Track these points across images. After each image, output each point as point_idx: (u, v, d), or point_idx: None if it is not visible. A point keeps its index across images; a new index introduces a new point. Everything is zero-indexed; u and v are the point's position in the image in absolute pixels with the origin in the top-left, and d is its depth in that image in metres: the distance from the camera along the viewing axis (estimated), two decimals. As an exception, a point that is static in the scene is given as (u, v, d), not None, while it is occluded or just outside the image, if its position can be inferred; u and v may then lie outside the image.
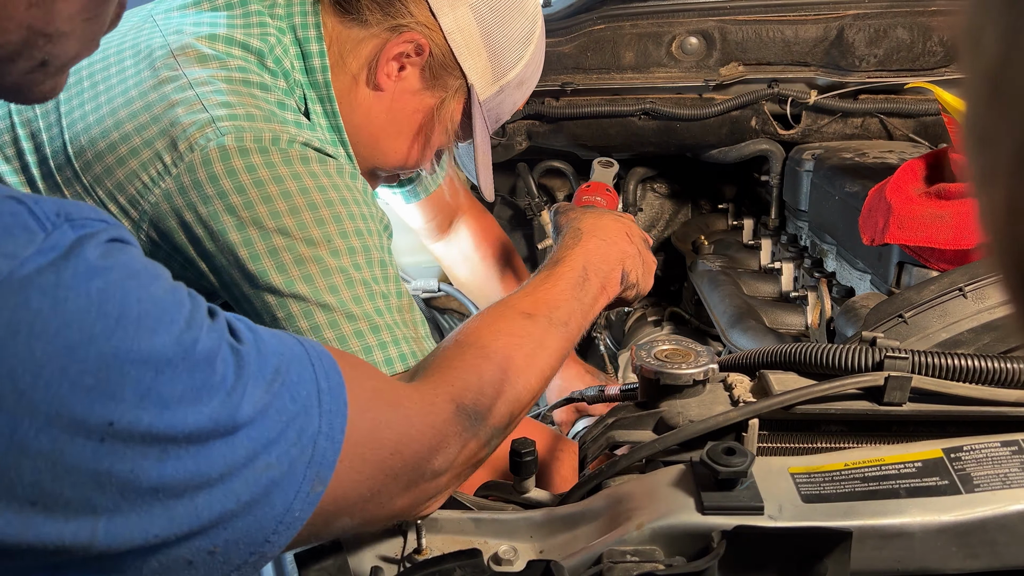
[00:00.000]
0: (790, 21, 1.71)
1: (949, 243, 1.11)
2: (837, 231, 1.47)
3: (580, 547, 0.69)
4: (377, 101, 1.11)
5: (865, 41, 1.66)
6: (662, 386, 0.80)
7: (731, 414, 0.74)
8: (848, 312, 1.22)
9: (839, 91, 1.70)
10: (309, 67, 1.08)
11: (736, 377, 0.82)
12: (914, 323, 0.95)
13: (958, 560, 0.66)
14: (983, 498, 0.67)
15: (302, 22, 1.08)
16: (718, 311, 1.58)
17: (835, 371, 0.77)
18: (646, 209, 2.07)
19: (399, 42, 1.08)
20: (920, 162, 1.26)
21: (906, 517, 0.66)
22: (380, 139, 1.15)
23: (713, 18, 1.72)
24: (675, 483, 0.69)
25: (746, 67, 1.73)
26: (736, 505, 0.66)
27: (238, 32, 1.04)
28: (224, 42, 1.03)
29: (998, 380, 0.74)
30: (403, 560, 0.71)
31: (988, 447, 0.71)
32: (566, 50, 1.74)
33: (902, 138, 1.71)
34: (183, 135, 0.94)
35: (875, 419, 0.76)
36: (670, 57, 1.73)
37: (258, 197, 0.93)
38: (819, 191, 1.55)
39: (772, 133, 1.75)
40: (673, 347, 0.83)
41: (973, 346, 0.92)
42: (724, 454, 0.66)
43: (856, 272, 1.40)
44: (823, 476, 0.70)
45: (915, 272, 1.19)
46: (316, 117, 1.09)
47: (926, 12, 1.68)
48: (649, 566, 0.64)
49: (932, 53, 1.67)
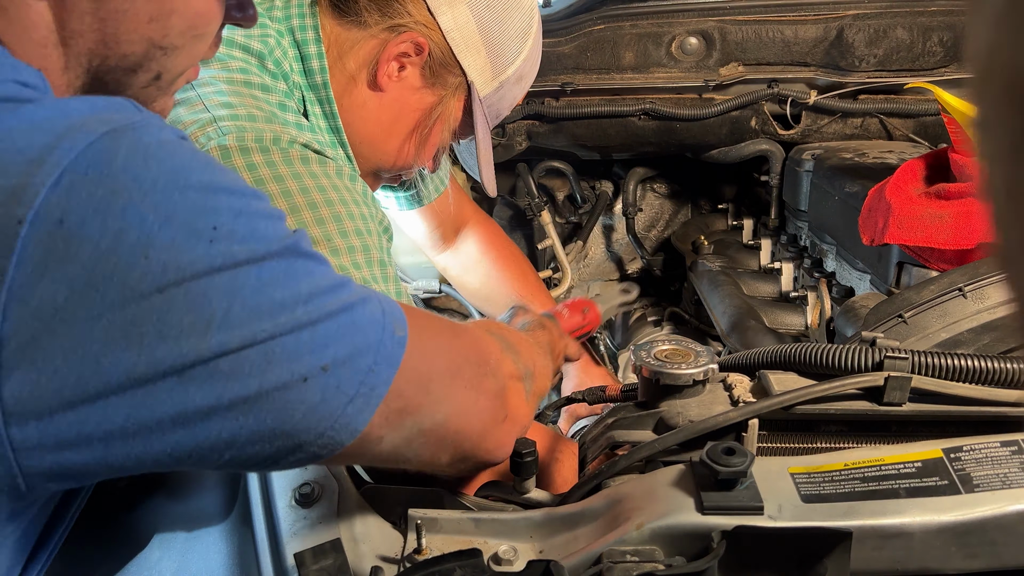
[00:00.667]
0: (790, 21, 1.71)
1: (949, 243, 1.11)
2: (837, 231, 1.47)
3: (580, 547, 0.69)
4: (378, 101, 1.11)
5: (865, 41, 1.67)
6: (662, 386, 0.80)
7: (731, 414, 0.74)
8: (848, 312, 1.22)
9: (839, 91, 1.70)
10: (308, 69, 1.08)
11: (736, 377, 0.82)
12: (914, 323, 0.95)
13: (958, 560, 0.66)
14: (983, 498, 0.67)
15: (300, 24, 1.08)
16: (718, 311, 1.58)
17: (835, 371, 0.77)
18: (646, 209, 2.08)
19: (399, 42, 1.08)
20: (920, 162, 1.26)
21: (906, 517, 0.66)
22: (381, 139, 1.15)
23: (713, 18, 1.72)
24: (675, 483, 0.69)
25: (746, 67, 1.74)
26: (736, 505, 0.66)
27: (238, 34, 1.05)
28: (225, 44, 1.03)
29: (998, 380, 0.74)
30: (403, 560, 0.71)
31: (988, 447, 0.71)
32: (566, 50, 1.74)
33: (902, 138, 1.71)
34: (184, 134, 0.95)
35: (875, 419, 0.76)
36: (670, 57, 1.74)
37: None
38: (819, 191, 1.55)
39: (772, 133, 1.75)
40: (673, 347, 0.83)
41: (973, 346, 0.92)
42: (724, 454, 0.66)
43: (856, 272, 1.40)
44: (823, 476, 0.70)
45: (915, 272, 1.19)
46: (315, 119, 1.09)
47: (926, 12, 1.68)
48: (649, 566, 0.64)
49: (932, 53, 1.67)
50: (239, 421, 0.58)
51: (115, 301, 0.53)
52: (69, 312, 0.53)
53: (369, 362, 0.63)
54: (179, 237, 0.55)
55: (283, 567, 0.75)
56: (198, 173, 0.58)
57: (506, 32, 1.13)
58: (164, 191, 0.55)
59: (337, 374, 0.61)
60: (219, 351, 0.56)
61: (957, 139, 1.20)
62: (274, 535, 0.79)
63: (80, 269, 0.53)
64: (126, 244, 0.53)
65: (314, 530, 0.76)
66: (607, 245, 2.12)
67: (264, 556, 0.79)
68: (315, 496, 0.79)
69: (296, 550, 0.70)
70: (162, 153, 0.56)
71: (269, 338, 0.58)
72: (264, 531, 0.82)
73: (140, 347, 0.54)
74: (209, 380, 0.56)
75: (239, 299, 0.57)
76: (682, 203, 2.10)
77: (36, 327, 0.52)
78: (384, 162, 1.18)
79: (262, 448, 0.61)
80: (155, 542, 0.90)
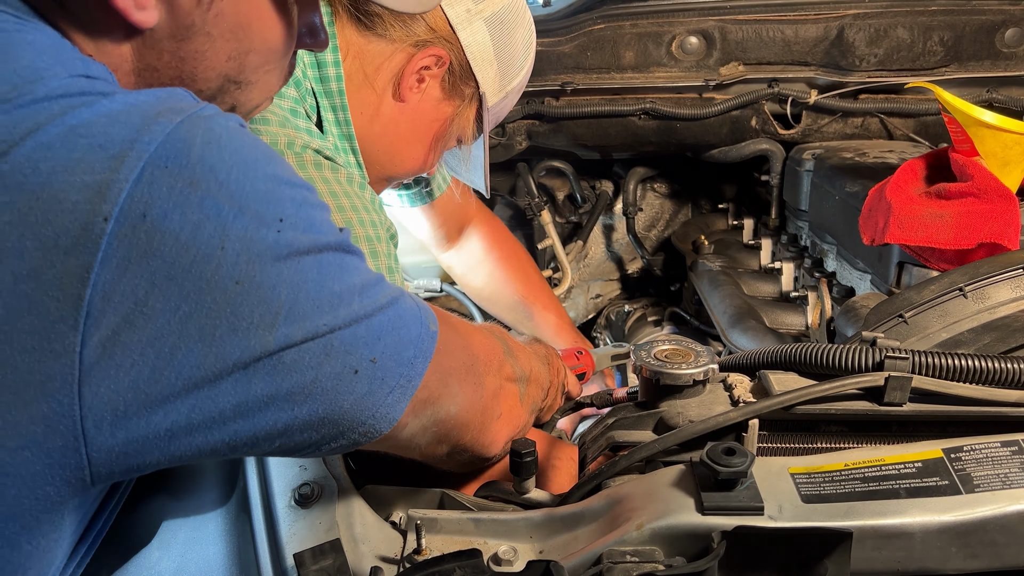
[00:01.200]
0: (790, 21, 1.71)
1: (949, 243, 1.11)
2: (837, 231, 1.47)
3: (580, 547, 0.69)
4: (400, 112, 1.14)
5: (865, 41, 1.66)
6: (662, 386, 0.80)
7: (731, 414, 0.74)
8: (848, 312, 1.22)
9: (839, 91, 1.70)
10: (323, 76, 1.09)
11: (736, 377, 0.82)
12: (914, 323, 0.95)
13: (958, 560, 0.66)
14: (983, 498, 0.67)
15: None
16: (718, 311, 1.58)
17: (835, 371, 0.77)
18: (646, 209, 2.07)
19: (424, 56, 1.10)
20: (920, 162, 1.26)
21: (906, 517, 0.66)
22: (400, 148, 1.18)
23: (713, 18, 1.72)
24: (675, 483, 0.69)
25: (746, 67, 1.73)
26: (736, 505, 0.66)
27: None
28: None
29: (998, 380, 0.74)
30: (403, 560, 0.71)
31: (988, 447, 0.71)
32: (566, 50, 1.74)
33: (902, 138, 1.71)
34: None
35: (875, 419, 0.76)
36: (670, 57, 1.73)
37: None
38: (819, 191, 1.55)
39: (772, 133, 1.75)
40: (673, 347, 0.83)
41: (973, 346, 0.92)
42: (724, 454, 0.66)
43: (856, 272, 1.40)
44: (823, 476, 0.70)
45: (915, 272, 1.19)
46: (328, 125, 1.11)
47: (927, 12, 1.68)
48: (649, 566, 0.64)
49: (932, 53, 1.67)
50: (294, 411, 0.60)
51: (192, 292, 0.55)
52: (149, 306, 0.54)
53: (410, 355, 0.67)
54: (251, 227, 0.56)
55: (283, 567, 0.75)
56: (263, 163, 0.59)
57: (514, 46, 1.18)
58: (237, 181, 0.57)
59: (384, 366, 0.64)
60: (284, 344, 0.58)
61: (958, 139, 1.20)
62: (274, 535, 0.79)
63: (161, 262, 0.54)
64: (204, 235, 0.55)
65: (313, 530, 0.76)
66: (607, 245, 2.12)
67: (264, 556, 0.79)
68: (314, 496, 0.79)
69: (296, 550, 0.70)
70: (234, 143, 0.58)
71: (329, 331, 0.60)
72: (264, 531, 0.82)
73: (212, 340, 0.56)
74: (272, 372, 0.58)
75: (303, 291, 0.59)
76: (682, 203, 2.09)
77: (117, 322, 0.53)
78: (400, 169, 1.21)
79: (310, 436, 0.63)
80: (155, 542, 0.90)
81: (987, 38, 1.68)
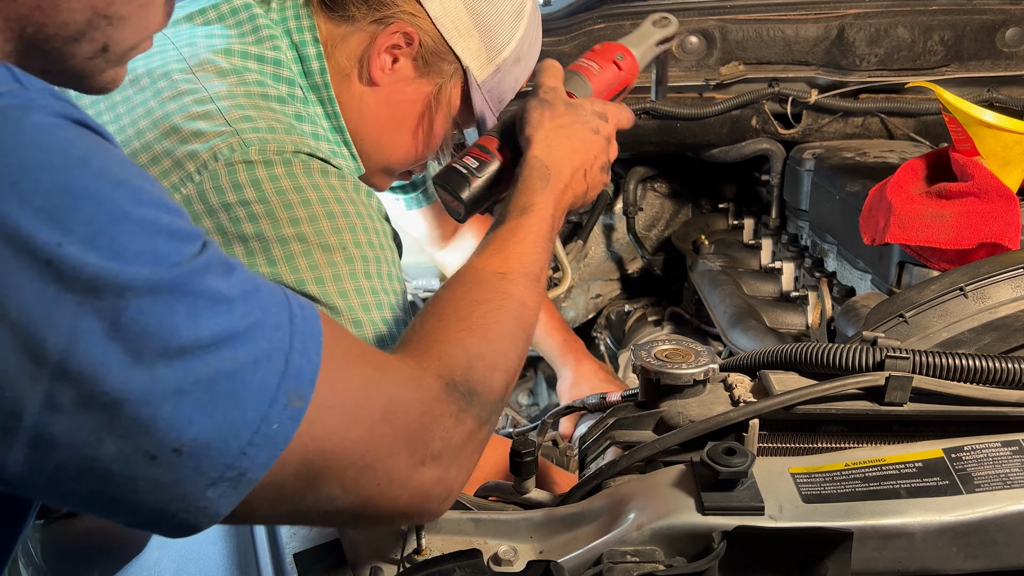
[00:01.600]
0: (790, 20, 1.71)
1: (950, 243, 1.11)
2: (838, 231, 1.46)
3: (580, 548, 0.69)
4: (374, 96, 1.11)
5: (866, 40, 1.66)
6: (662, 386, 0.80)
7: (731, 414, 0.74)
8: (849, 312, 1.22)
9: (840, 90, 1.70)
10: (307, 70, 1.08)
11: (736, 377, 0.82)
12: (915, 323, 0.95)
13: (958, 560, 0.66)
14: (984, 498, 0.67)
15: (296, 25, 1.08)
16: (718, 311, 1.58)
17: (836, 371, 0.77)
18: (646, 209, 2.07)
19: (388, 34, 1.07)
20: (921, 161, 1.26)
21: (907, 517, 0.66)
22: (383, 134, 1.14)
23: (713, 17, 1.72)
24: (675, 483, 0.69)
25: (746, 66, 1.73)
26: (736, 505, 0.66)
27: (251, 46, 1.06)
28: (239, 56, 1.05)
29: (999, 380, 0.74)
30: (403, 560, 0.71)
31: (989, 447, 0.71)
32: (566, 49, 1.74)
33: (903, 137, 1.71)
34: (206, 145, 0.95)
35: (876, 419, 0.76)
36: (670, 56, 1.73)
37: (280, 205, 0.95)
38: (820, 191, 1.55)
39: (772, 132, 1.75)
40: (673, 347, 0.83)
41: (974, 346, 0.92)
42: (724, 454, 0.66)
43: (857, 272, 1.40)
44: (823, 476, 0.70)
45: (916, 272, 1.19)
46: (318, 119, 1.09)
47: (927, 11, 1.68)
48: (649, 566, 0.64)
49: (933, 52, 1.67)
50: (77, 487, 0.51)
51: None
52: None
53: (243, 444, 0.52)
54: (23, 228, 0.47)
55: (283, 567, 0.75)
56: (75, 168, 0.50)
57: (498, 13, 1.11)
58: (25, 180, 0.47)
59: (196, 455, 0.51)
60: (51, 405, 0.47)
61: (958, 138, 1.20)
62: (274, 535, 0.79)
63: None
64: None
65: (314, 530, 0.76)
66: (607, 244, 2.11)
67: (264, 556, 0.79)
68: (315, 496, 0.79)
69: (296, 550, 0.70)
70: (41, 139, 0.49)
71: (111, 402, 0.48)
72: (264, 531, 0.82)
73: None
74: (35, 445, 0.48)
75: (84, 339, 0.47)
76: (683, 202, 2.09)
77: None
78: (390, 158, 1.17)
79: (119, 519, 0.54)
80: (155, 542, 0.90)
81: (988, 38, 1.68)
